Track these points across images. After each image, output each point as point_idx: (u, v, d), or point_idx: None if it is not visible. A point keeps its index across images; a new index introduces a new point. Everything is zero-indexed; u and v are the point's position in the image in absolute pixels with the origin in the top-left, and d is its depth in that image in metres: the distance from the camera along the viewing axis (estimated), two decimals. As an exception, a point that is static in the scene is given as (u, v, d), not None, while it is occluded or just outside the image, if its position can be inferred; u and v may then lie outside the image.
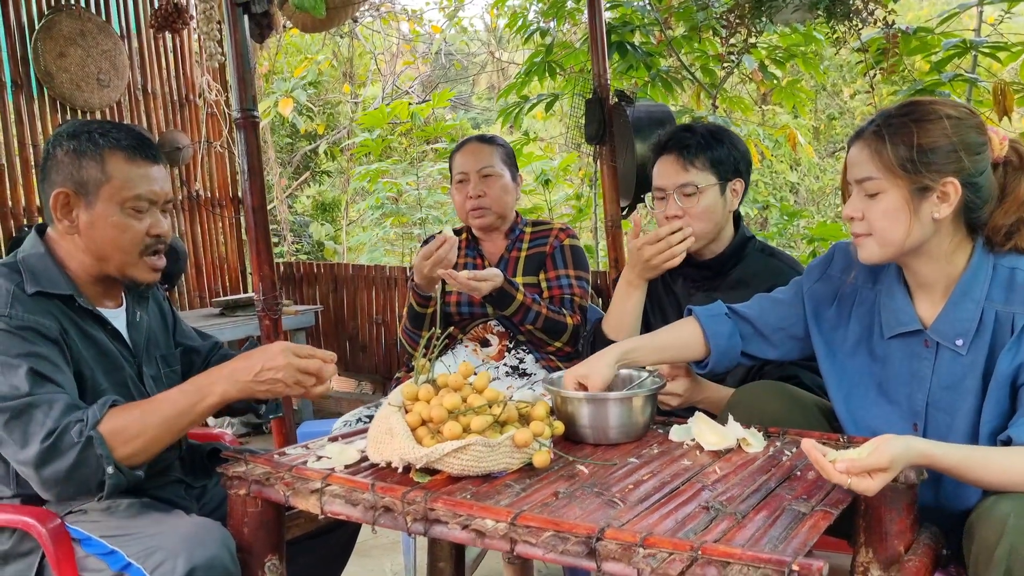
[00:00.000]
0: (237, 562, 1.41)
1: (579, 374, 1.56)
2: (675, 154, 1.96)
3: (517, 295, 2.21)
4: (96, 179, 1.54)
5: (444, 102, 6.09)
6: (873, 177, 1.41)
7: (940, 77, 3.14)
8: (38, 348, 1.44)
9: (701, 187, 1.93)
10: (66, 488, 1.41)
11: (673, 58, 4.00)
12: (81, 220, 1.55)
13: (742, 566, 1.00)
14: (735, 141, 2.00)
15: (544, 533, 1.12)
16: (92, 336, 1.57)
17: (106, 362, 1.58)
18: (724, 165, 1.95)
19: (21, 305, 1.46)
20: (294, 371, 1.47)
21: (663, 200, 1.99)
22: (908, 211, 1.39)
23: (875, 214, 1.42)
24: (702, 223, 1.95)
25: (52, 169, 1.56)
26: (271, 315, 2.39)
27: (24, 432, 1.38)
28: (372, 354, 4.82)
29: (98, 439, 1.38)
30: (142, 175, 1.57)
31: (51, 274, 1.54)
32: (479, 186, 2.36)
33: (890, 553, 1.25)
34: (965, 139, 1.38)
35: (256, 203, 2.33)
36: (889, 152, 1.38)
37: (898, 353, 1.50)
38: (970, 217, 1.41)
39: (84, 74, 4.25)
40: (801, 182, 7.88)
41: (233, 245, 5.15)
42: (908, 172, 1.37)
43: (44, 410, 1.39)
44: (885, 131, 1.40)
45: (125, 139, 1.57)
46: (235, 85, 2.29)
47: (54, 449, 1.37)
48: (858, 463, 1.18)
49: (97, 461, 1.38)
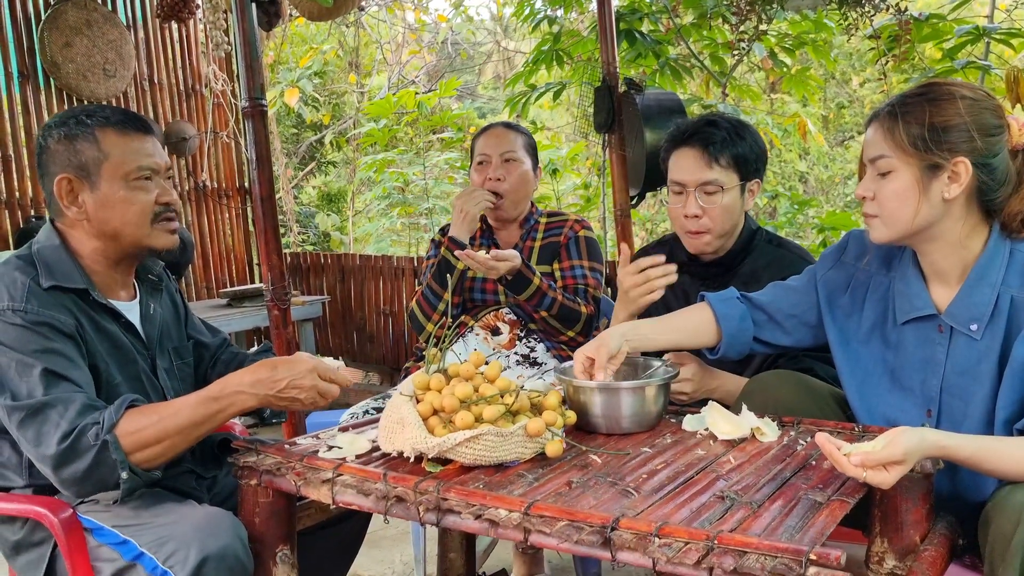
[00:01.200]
0: (249, 552, 1.41)
1: (587, 351, 1.55)
2: (699, 149, 1.88)
3: (534, 279, 2.20)
4: (94, 159, 1.53)
5: (451, 91, 6.06)
6: (885, 155, 1.40)
7: (952, 64, 3.11)
8: (54, 344, 1.44)
9: (725, 187, 1.88)
10: (84, 487, 1.41)
11: (682, 46, 3.97)
12: (88, 203, 1.54)
13: (759, 555, 0.99)
14: (756, 137, 1.94)
15: (558, 523, 1.11)
16: (106, 329, 1.56)
17: (120, 356, 1.57)
18: (747, 164, 1.90)
19: (37, 300, 1.46)
20: (315, 393, 1.48)
21: (681, 195, 1.92)
22: (918, 190, 1.38)
23: (885, 193, 1.41)
24: (720, 223, 1.90)
25: (48, 161, 1.55)
26: (280, 305, 2.39)
27: (38, 433, 1.38)
28: (380, 345, 4.82)
29: (113, 443, 1.36)
30: (138, 147, 1.56)
31: (66, 267, 1.53)
32: (499, 169, 2.34)
33: (906, 543, 1.25)
34: (979, 120, 1.36)
35: (264, 192, 2.32)
36: (901, 130, 1.38)
37: (912, 339, 1.49)
38: (984, 201, 1.40)
39: (90, 64, 4.25)
40: (810, 171, 7.84)
41: (240, 236, 5.15)
42: (919, 150, 1.37)
43: (60, 411, 1.38)
44: (899, 110, 1.40)
45: (113, 115, 1.56)
46: (243, 73, 2.28)
47: (71, 451, 1.36)
48: (873, 456, 1.17)
49: (113, 464, 1.37)
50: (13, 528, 1.54)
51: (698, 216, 1.89)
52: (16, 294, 1.45)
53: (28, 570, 1.55)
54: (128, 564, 1.42)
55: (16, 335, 1.42)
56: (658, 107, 2.95)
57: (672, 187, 1.95)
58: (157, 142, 1.62)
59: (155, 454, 1.41)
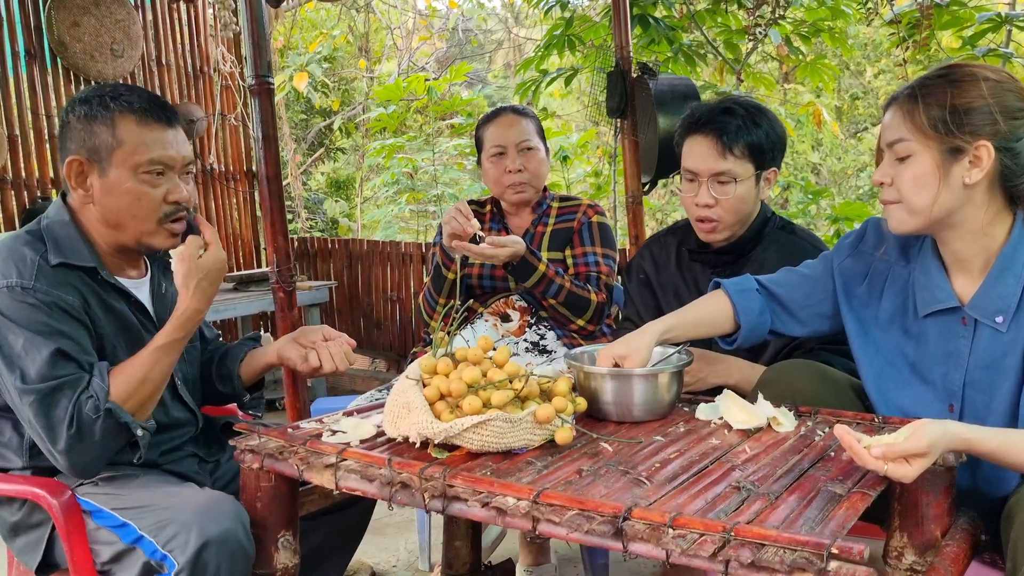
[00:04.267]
0: (251, 536, 1.38)
1: (617, 353, 1.51)
2: (713, 137, 1.82)
3: (540, 266, 2.15)
4: (108, 144, 1.49)
5: (461, 76, 6.01)
6: (904, 139, 1.35)
7: (973, 52, 3.05)
8: (61, 326, 1.42)
9: (739, 178, 1.83)
10: (96, 463, 1.43)
11: (696, 32, 3.91)
12: (95, 188, 1.51)
13: (778, 548, 0.95)
14: (773, 122, 1.87)
15: (568, 512, 1.08)
16: (115, 309, 1.54)
17: (128, 337, 1.55)
18: (763, 153, 1.84)
19: (45, 278, 1.43)
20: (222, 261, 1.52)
21: (693, 183, 1.87)
22: (937, 175, 1.33)
23: (904, 179, 1.36)
24: (733, 214, 1.85)
25: (67, 137, 1.52)
26: (285, 287, 2.35)
27: (48, 419, 1.38)
28: (387, 331, 4.79)
29: (116, 408, 1.40)
30: (155, 138, 1.51)
31: (75, 244, 1.51)
32: (517, 160, 2.29)
33: (926, 538, 1.21)
34: (1003, 102, 1.31)
35: (271, 172, 2.28)
36: (922, 113, 1.33)
37: (934, 332, 1.44)
38: (1008, 187, 1.35)
39: (98, 44, 4.21)
40: (823, 162, 7.76)
41: (247, 220, 5.12)
42: (940, 133, 1.32)
43: (68, 395, 1.39)
44: (919, 92, 1.35)
45: (137, 102, 1.52)
46: (250, 50, 2.23)
47: (79, 434, 1.38)
48: (895, 448, 1.12)
49: (120, 428, 1.40)
50: (11, 509, 1.52)
51: (710, 205, 1.85)
52: (25, 271, 1.43)
53: (26, 552, 1.53)
54: (127, 547, 1.40)
55: (26, 313, 1.40)
56: (672, 92, 2.90)
57: (685, 175, 1.90)
58: (180, 134, 1.57)
59: (150, 405, 1.47)
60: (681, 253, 2.02)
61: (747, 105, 1.87)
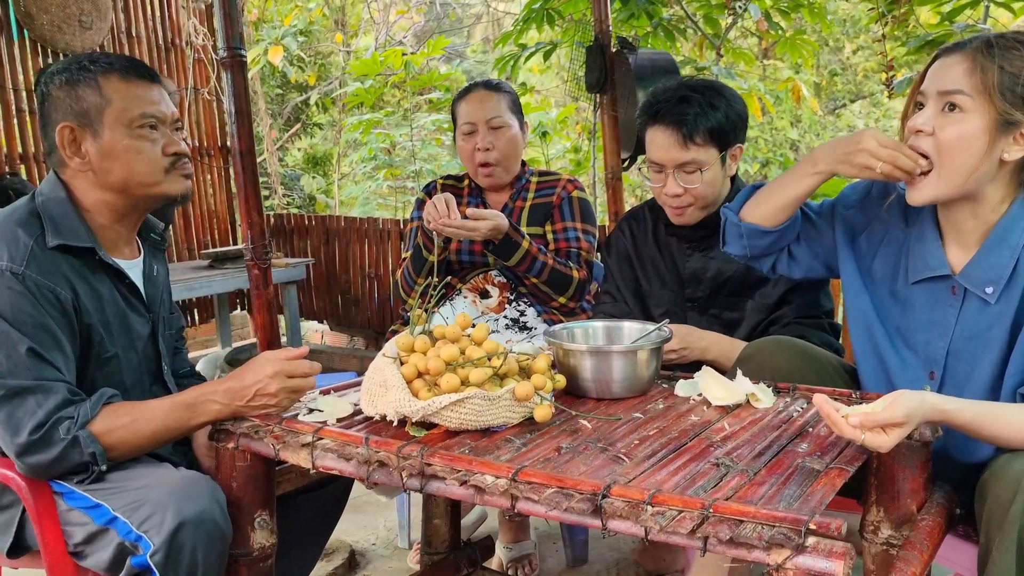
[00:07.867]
0: (228, 517, 1.36)
1: None
2: (673, 129, 1.80)
3: (523, 243, 2.13)
4: (96, 105, 1.46)
5: (439, 50, 5.93)
6: (964, 92, 1.29)
7: (951, 28, 3.05)
8: (45, 318, 1.38)
9: (704, 166, 1.82)
10: (45, 474, 1.40)
11: (676, 7, 3.88)
12: (92, 153, 1.47)
13: (756, 524, 0.95)
14: (731, 100, 1.85)
15: (547, 490, 1.07)
16: (104, 297, 1.50)
17: (119, 323, 1.52)
18: (725, 135, 1.82)
19: (37, 265, 1.39)
20: (287, 394, 1.42)
21: (660, 174, 1.87)
22: (985, 142, 1.28)
23: (948, 133, 1.30)
24: (704, 197, 1.85)
25: (50, 108, 1.48)
26: (260, 264, 2.32)
27: (11, 417, 1.35)
28: (365, 308, 4.75)
29: (88, 438, 1.36)
30: (142, 94, 1.49)
31: (72, 223, 1.46)
32: (487, 138, 2.26)
33: (902, 512, 1.22)
34: None
35: (244, 147, 2.23)
36: (995, 72, 1.27)
37: (922, 299, 1.44)
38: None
39: (65, 15, 4.11)
40: (802, 139, 7.77)
41: (222, 196, 5.05)
42: (1006, 100, 1.27)
43: (39, 399, 1.35)
44: (999, 51, 1.28)
45: (117, 62, 1.50)
46: (221, 22, 2.18)
47: (41, 441, 1.35)
48: (872, 417, 1.13)
49: (81, 456, 1.36)
50: (-20, 491, 1.49)
51: (679, 195, 1.85)
52: (17, 255, 1.38)
53: (-3, 534, 1.50)
54: (100, 528, 1.37)
55: (9, 300, 1.36)
56: (652, 67, 2.88)
57: (651, 165, 1.89)
58: (164, 92, 1.54)
59: (124, 453, 1.41)
60: (659, 228, 2.02)
61: (703, 88, 1.84)
